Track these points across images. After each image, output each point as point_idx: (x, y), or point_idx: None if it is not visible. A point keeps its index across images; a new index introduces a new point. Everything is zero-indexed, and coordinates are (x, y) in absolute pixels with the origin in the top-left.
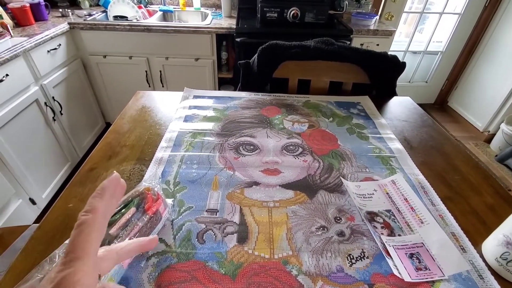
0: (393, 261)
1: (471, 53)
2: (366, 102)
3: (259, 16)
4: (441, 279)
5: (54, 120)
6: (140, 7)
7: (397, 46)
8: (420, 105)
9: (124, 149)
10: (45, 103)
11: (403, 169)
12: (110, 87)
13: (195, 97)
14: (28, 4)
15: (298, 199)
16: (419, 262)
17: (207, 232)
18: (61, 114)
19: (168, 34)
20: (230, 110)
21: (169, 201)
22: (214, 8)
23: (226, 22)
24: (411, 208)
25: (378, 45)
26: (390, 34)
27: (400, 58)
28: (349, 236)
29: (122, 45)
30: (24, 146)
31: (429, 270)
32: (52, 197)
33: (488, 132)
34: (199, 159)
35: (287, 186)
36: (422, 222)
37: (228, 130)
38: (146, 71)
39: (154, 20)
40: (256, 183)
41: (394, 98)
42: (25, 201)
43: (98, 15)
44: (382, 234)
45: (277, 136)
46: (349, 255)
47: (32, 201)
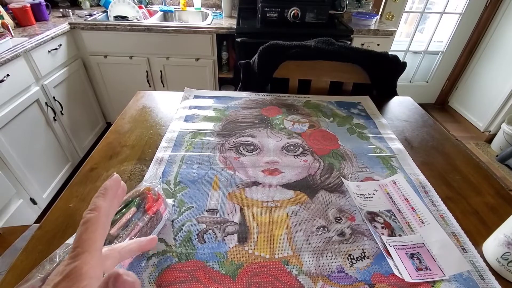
0: (394, 261)
1: (472, 53)
2: (367, 102)
3: (260, 16)
4: (442, 279)
5: (55, 120)
6: (141, 7)
7: (398, 46)
8: (421, 105)
9: (125, 149)
10: (46, 103)
11: (404, 169)
12: (111, 87)
13: (196, 97)
14: (29, 4)
15: (299, 199)
16: (420, 262)
17: (208, 232)
18: (62, 114)
19: (169, 34)
20: (231, 110)
21: (170, 201)
22: (215, 8)
23: (227, 22)
24: (412, 208)
25: (379, 45)
26: (391, 34)
27: (401, 58)
28: (350, 236)
29: (123, 45)
30: (25, 146)
31: (430, 270)
32: (53, 197)
33: (489, 132)
34: (200, 159)
35: (288, 186)
36: (423, 222)
37: (229, 130)
38: (147, 71)
39: (155, 20)
40: (257, 183)
41: (395, 98)
42: (26, 201)
43: (99, 15)
44: (383, 234)
45: (278, 136)
46: (350, 255)
47: (33, 201)
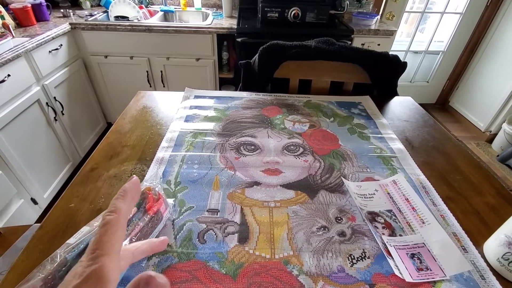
0: (394, 261)
1: (473, 53)
2: (367, 102)
3: (260, 16)
4: (443, 280)
5: (56, 120)
6: (141, 8)
7: (398, 46)
8: (422, 105)
9: (125, 149)
10: (47, 103)
11: (404, 169)
12: (111, 87)
13: (196, 97)
14: (30, 5)
15: (299, 199)
16: (420, 263)
17: (208, 232)
18: (63, 114)
19: (169, 34)
20: (231, 110)
21: (170, 201)
22: (215, 8)
23: (227, 22)
24: (412, 208)
25: (379, 45)
26: (391, 34)
27: (401, 58)
28: (350, 236)
29: (123, 45)
30: (26, 146)
31: (431, 271)
32: (54, 197)
33: (490, 132)
34: (200, 159)
35: (288, 186)
36: (423, 222)
37: (229, 130)
38: (147, 71)
39: (155, 20)
40: (257, 183)
41: (395, 98)
42: (27, 201)
43: (99, 16)
44: (383, 234)
45: (278, 136)
46: (350, 255)
47: (34, 201)
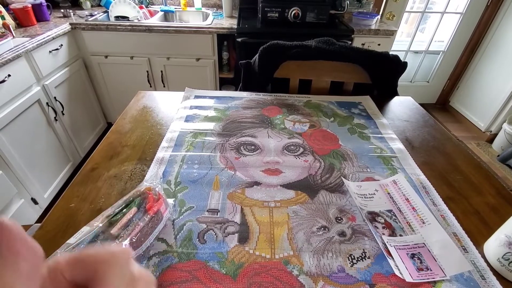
0: (395, 261)
1: (473, 53)
2: (368, 102)
3: (260, 16)
4: (443, 280)
5: (56, 120)
6: (141, 8)
7: (399, 46)
8: (422, 105)
9: (126, 149)
10: (47, 103)
11: (405, 169)
12: (112, 87)
13: (196, 97)
14: (30, 5)
15: (299, 199)
16: (421, 263)
17: (208, 232)
18: (63, 114)
19: (169, 34)
20: (231, 110)
21: (170, 201)
22: (215, 8)
23: (227, 22)
24: (413, 208)
25: (380, 45)
26: (392, 34)
27: (402, 58)
28: (350, 236)
29: (124, 46)
30: (26, 146)
31: (431, 271)
32: (54, 197)
33: (490, 132)
34: (200, 159)
35: (288, 186)
36: (424, 222)
37: (229, 130)
38: (147, 71)
39: (155, 20)
40: (257, 183)
41: (396, 98)
42: (27, 201)
43: (100, 16)
44: (384, 234)
45: (278, 136)
46: (350, 255)
47: (34, 201)
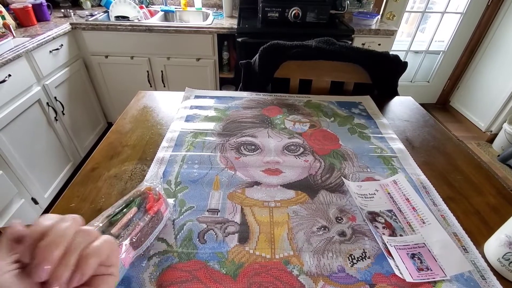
0: (395, 261)
1: (473, 53)
2: (368, 102)
3: (260, 16)
4: (443, 280)
5: (56, 120)
6: (142, 8)
7: (399, 46)
8: (422, 105)
9: (126, 149)
10: (47, 103)
11: (405, 169)
12: (112, 87)
13: (196, 97)
14: (30, 5)
15: (299, 199)
16: (421, 263)
17: (208, 232)
18: (63, 114)
19: (170, 34)
20: (231, 110)
21: (171, 201)
22: (216, 8)
23: (227, 22)
24: (413, 208)
25: (380, 45)
26: (392, 34)
27: (402, 58)
28: (351, 236)
29: (124, 45)
30: (27, 146)
31: (431, 271)
32: (54, 197)
33: (491, 132)
34: (200, 159)
35: (288, 186)
36: (424, 222)
37: (229, 130)
38: (148, 71)
39: (156, 20)
40: (257, 183)
41: (396, 98)
42: (28, 201)
43: (100, 16)
44: (384, 234)
45: (278, 136)
46: (351, 255)
47: (35, 201)
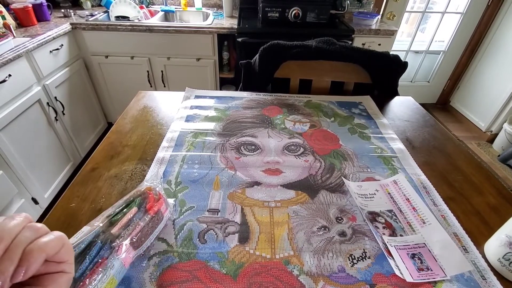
0: (395, 262)
1: (474, 53)
2: (368, 102)
3: (261, 16)
4: (443, 280)
5: (57, 120)
6: (142, 8)
7: (399, 46)
8: (422, 105)
9: (126, 149)
10: (48, 103)
11: (405, 169)
12: (112, 87)
13: (197, 97)
14: (31, 5)
15: (300, 199)
16: (421, 263)
17: (209, 232)
18: (63, 114)
19: (170, 34)
20: (232, 110)
21: (171, 201)
22: (216, 8)
23: (228, 22)
24: (413, 208)
25: (380, 45)
26: (392, 34)
27: (402, 58)
28: (351, 236)
29: (124, 45)
30: (27, 146)
31: (431, 271)
32: (55, 197)
33: (491, 132)
34: (201, 159)
35: (289, 186)
36: (424, 223)
37: (230, 130)
38: (148, 71)
39: (156, 20)
40: (258, 183)
41: (396, 98)
42: (28, 201)
43: (100, 16)
44: (384, 234)
45: (279, 136)
46: (351, 255)
47: (35, 201)
